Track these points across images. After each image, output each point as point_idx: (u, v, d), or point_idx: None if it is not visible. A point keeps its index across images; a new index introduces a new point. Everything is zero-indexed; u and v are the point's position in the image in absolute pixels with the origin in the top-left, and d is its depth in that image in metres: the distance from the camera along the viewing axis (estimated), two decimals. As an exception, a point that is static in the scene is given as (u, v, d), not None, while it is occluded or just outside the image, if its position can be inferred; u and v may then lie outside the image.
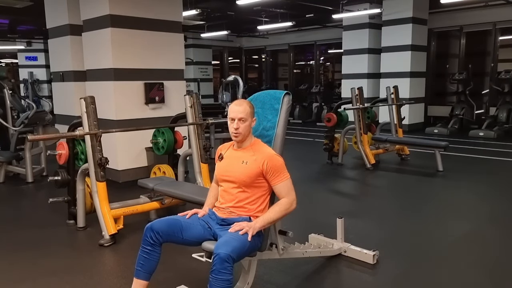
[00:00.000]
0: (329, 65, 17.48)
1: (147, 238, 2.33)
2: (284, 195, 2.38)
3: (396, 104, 7.22)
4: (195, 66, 14.96)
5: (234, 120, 2.38)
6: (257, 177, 2.38)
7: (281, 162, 2.41)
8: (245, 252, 2.24)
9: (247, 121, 2.38)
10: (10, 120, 6.28)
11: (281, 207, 2.36)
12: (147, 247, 2.33)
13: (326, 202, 5.04)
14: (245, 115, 2.37)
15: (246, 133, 2.41)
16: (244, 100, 2.49)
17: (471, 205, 4.77)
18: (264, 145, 2.49)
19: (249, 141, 2.46)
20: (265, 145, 2.49)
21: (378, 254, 3.14)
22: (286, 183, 2.40)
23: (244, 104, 2.41)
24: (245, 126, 2.38)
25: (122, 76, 5.59)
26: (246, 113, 2.37)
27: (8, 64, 18.31)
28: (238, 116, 2.36)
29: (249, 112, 2.39)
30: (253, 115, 2.43)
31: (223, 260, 2.03)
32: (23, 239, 3.81)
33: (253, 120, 2.44)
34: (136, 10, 5.63)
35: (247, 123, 2.38)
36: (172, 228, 2.35)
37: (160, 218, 2.41)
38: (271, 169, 2.36)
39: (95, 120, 3.62)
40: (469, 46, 11.38)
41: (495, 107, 10.14)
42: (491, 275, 3.02)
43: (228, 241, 2.15)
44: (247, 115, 2.38)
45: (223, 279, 2.05)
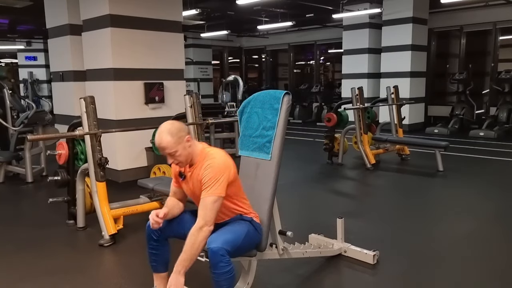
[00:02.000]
0: (329, 65, 17.48)
1: (150, 236, 2.37)
2: (200, 213, 2.18)
3: (396, 104, 7.22)
4: (195, 66, 14.96)
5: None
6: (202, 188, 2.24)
7: (216, 174, 2.17)
8: (241, 245, 2.24)
9: (178, 149, 2.19)
10: (10, 120, 6.27)
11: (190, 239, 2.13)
12: (153, 242, 2.38)
13: (326, 202, 5.03)
14: (171, 149, 2.18)
15: (186, 157, 2.25)
16: (165, 130, 2.19)
17: (471, 205, 4.77)
18: (208, 154, 2.27)
19: (197, 157, 2.28)
20: (210, 154, 2.27)
21: (378, 254, 3.14)
22: (208, 200, 2.16)
23: (164, 137, 2.17)
24: (180, 155, 2.21)
25: (122, 76, 5.59)
26: (171, 147, 2.18)
27: (8, 64, 18.31)
28: (165, 152, 2.21)
29: (174, 141, 2.17)
30: (182, 138, 2.20)
31: (216, 253, 2.07)
32: (23, 239, 3.81)
33: (186, 140, 2.21)
34: (136, 10, 5.63)
35: (179, 151, 2.20)
36: (172, 223, 2.37)
37: None
38: (204, 179, 2.19)
39: (94, 120, 3.62)
40: (469, 46, 11.38)
41: (496, 107, 10.14)
42: (491, 275, 3.02)
43: (219, 234, 2.18)
44: (175, 146, 2.18)
45: (221, 272, 2.09)
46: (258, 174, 2.60)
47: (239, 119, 2.79)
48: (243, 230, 2.29)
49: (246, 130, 2.72)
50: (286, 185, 5.30)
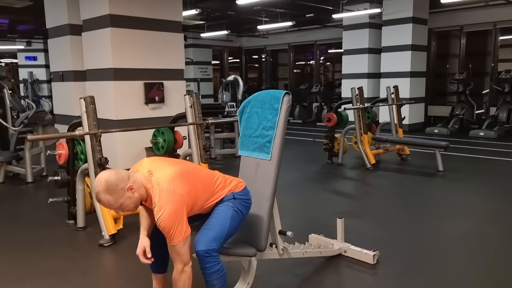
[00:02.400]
0: (329, 65, 17.48)
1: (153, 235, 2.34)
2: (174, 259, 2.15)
3: (396, 104, 7.22)
4: (195, 66, 14.96)
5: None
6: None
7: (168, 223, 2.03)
8: (229, 232, 2.25)
9: (123, 202, 2.07)
10: (10, 120, 6.27)
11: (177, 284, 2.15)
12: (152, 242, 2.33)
13: (326, 202, 5.03)
14: (114, 205, 2.07)
15: (135, 204, 2.12)
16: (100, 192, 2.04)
17: (471, 205, 4.77)
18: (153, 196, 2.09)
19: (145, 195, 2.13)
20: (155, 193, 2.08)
21: (378, 254, 3.14)
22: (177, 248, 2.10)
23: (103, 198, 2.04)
24: (127, 204, 2.09)
25: (122, 76, 5.59)
26: (113, 204, 2.06)
27: (8, 64, 18.30)
28: (111, 209, 2.15)
29: (114, 198, 2.04)
30: (122, 190, 2.04)
31: (202, 255, 2.11)
32: (22, 239, 3.81)
33: (128, 189, 2.05)
34: (136, 10, 5.63)
35: (125, 202, 2.07)
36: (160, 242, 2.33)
37: None
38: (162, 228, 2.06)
39: (94, 120, 3.62)
40: (469, 46, 11.38)
41: (496, 107, 10.14)
42: (492, 275, 3.02)
43: (204, 233, 2.18)
44: (116, 201, 2.05)
45: (212, 272, 2.13)
46: (258, 174, 2.60)
47: (239, 119, 2.79)
48: (226, 217, 2.25)
49: (246, 130, 2.72)
50: (286, 185, 5.30)
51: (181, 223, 2.07)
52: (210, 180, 2.30)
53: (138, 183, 2.10)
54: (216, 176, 2.36)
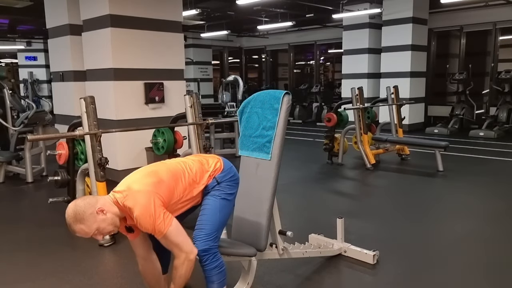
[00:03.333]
0: (329, 65, 17.49)
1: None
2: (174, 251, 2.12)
3: (396, 104, 7.22)
4: (195, 66, 14.96)
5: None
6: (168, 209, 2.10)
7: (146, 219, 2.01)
8: (220, 226, 2.26)
9: (93, 229, 2.01)
10: (10, 120, 6.27)
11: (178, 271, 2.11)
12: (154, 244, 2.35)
13: (326, 202, 5.03)
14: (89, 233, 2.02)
15: (113, 224, 2.06)
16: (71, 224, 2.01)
17: (471, 205, 4.77)
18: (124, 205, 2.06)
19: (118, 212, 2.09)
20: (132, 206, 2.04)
21: (378, 254, 3.14)
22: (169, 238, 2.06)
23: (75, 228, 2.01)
24: (104, 227, 2.04)
25: (122, 76, 5.59)
26: (88, 232, 2.02)
27: (8, 64, 18.30)
28: (87, 237, 2.07)
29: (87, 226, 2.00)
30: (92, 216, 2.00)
31: (202, 255, 2.14)
32: (23, 239, 3.81)
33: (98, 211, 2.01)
34: (136, 10, 5.64)
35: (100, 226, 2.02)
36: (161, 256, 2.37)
37: None
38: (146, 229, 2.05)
39: (95, 120, 3.61)
40: (469, 46, 11.38)
41: (495, 107, 10.14)
42: (491, 275, 3.02)
43: (197, 233, 2.19)
44: (90, 228, 2.00)
45: (211, 268, 2.16)
46: (258, 174, 2.60)
47: (239, 119, 2.79)
48: (215, 211, 2.22)
49: (246, 130, 2.72)
50: (286, 185, 5.30)
51: (158, 215, 2.02)
52: (182, 169, 2.23)
53: (107, 204, 2.06)
54: (190, 162, 2.29)
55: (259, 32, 14.67)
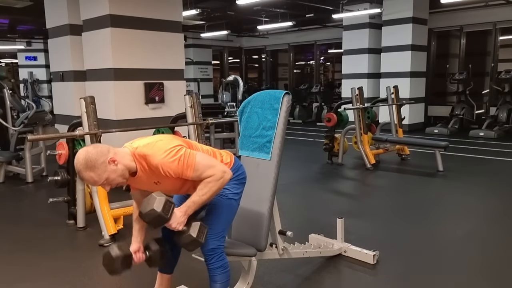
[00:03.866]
0: (329, 65, 17.49)
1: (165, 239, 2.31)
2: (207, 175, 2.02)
3: (396, 104, 7.22)
4: (195, 66, 14.96)
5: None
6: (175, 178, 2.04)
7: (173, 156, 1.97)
8: (226, 226, 2.25)
9: (102, 178, 1.95)
10: (10, 120, 6.27)
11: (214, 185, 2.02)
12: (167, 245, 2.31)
13: (326, 202, 5.03)
14: (99, 182, 1.96)
15: (122, 175, 1.99)
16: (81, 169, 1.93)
17: (471, 205, 4.77)
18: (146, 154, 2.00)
19: (133, 165, 2.02)
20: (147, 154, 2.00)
21: (378, 254, 3.14)
22: (199, 166, 2.00)
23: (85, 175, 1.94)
24: (112, 179, 1.97)
25: (122, 76, 5.59)
26: (97, 181, 1.96)
27: (8, 64, 18.30)
28: (97, 185, 2.03)
29: (97, 175, 1.93)
30: (104, 165, 1.93)
31: (208, 255, 2.14)
32: (23, 239, 3.81)
33: (110, 161, 1.94)
34: (136, 10, 5.63)
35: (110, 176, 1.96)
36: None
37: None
38: (174, 171, 1.99)
39: (95, 120, 3.62)
40: (469, 46, 11.38)
41: (495, 107, 10.14)
42: (491, 275, 3.02)
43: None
44: (99, 177, 1.94)
45: (215, 267, 2.16)
46: (258, 174, 2.60)
47: (239, 119, 2.79)
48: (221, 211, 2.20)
49: (246, 130, 2.72)
50: (286, 185, 5.30)
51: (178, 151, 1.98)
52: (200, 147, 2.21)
53: (120, 154, 2.00)
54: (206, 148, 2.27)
55: (259, 32, 14.67)
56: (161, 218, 1.91)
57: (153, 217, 1.90)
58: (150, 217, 1.89)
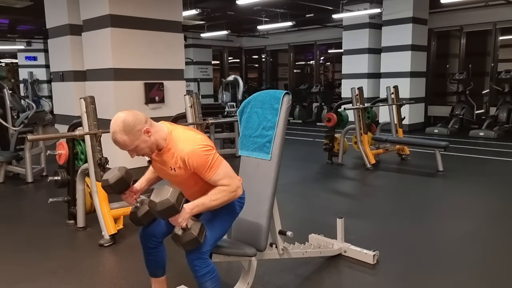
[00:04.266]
0: (329, 65, 17.49)
1: (146, 244, 2.34)
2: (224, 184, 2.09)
3: (396, 104, 7.22)
4: (195, 66, 14.96)
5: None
6: (189, 175, 2.10)
7: (204, 153, 2.04)
8: (217, 237, 2.21)
9: (138, 144, 2.02)
10: (10, 120, 6.27)
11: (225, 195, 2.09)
12: (149, 250, 2.36)
13: (326, 202, 5.03)
14: (129, 146, 2.02)
15: (150, 148, 2.07)
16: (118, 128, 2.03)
17: (471, 205, 4.77)
18: (180, 140, 2.08)
19: (163, 143, 2.09)
20: (181, 140, 2.08)
21: (378, 254, 3.14)
22: (220, 171, 2.07)
23: (118, 138, 2.01)
24: (142, 148, 2.05)
25: (122, 76, 5.59)
26: (129, 145, 2.01)
27: (8, 64, 18.30)
28: (124, 150, 2.07)
29: (130, 139, 2.00)
30: (139, 132, 2.01)
31: (190, 260, 2.07)
32: (22, 239, 3.81)
33: (145, 131, 2.03)
34: (136, 10, 5.64)
35: (140, 145, 2.03)
36: (165, 224, 2.30)
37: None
38: (197, 166, 2.04)
39: (95, 120, 3.62)
40: (469, 46, 11.38)
41: (495, 107, 10.14)
42: (491, 275, 3.02)
43: None
44: (131, 142, 2.01)
45: (201, 275, 2.08)
46: (258, 174, 2.60)
47: (239, 119, 2.79)
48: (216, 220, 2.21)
49: (246, 130, 2.72)
50: (286, 185, 5.30)
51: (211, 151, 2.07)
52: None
53: (156, 128, 2.09)
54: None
55: (259, 32, 14.67)
56: (173, 209, 1.93)
57: (166, 206, 1.90)
58: (163, 206, 1.90)
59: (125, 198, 2.27)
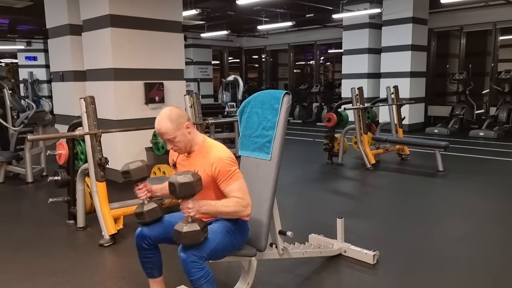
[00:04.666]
0: (329, 65, 17.49)
1: (141, 245, 2.36)
2: (237, 196, 2.20)
3: (396, 104, 7.22)
4: (195, 66, 14.96)
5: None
6: (210, 182, 2.22)
7: (229, 164, 2.20)
8: (218, 245, 2.17)
9: (177, 136, 2.20)
10: (10, 120, 6.27)
11: (236, 206, 2.18)
12: (144, 252, 2.38)
13: (326, 202, 5.03)
14: (170, 135, 2.19)
15: (185, 144, 2.25)
16: (165, 115, 2.20)
17: (471, 205, 4.77)
18: (212, 146, 2.29)
19: (197, 145, 2.28)
20: (214, 146, 2.29)
21: (378, 254, 3.14)
22: (238, 185, 2.20)
23: (163, 123, 2.18)
24: (179, 141, 2.22)
25: (122, 76, 5.59)
26: (170, 133, 2.18)
27: (8, 64, 18.31)
28: (164, 138, 2.22)
29: (173, 128, 2.18)
30: (182, 124, 2.20)
31: (185, 261, 2.05)
32: (22, 239, 3.81)
33: (186, 127, 2.22)
34: (136, 10, 5.63)
35: (178, 137, 2.20)
36: (162, 231, 2.34)
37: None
38: (220, 173, 2.18)
39: (95, 120, 3.62)
40: (469, 46, 11.38)
41: (495, 107, 10.14)
42: (491, 275, 3.02)
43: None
44: (174, 131, 2.18)
45: (196, 278, 2.06)
46: (258, 174, 2.60)
47: (239, 119, 2.79)
48: (221, 231, 2.22)
49: (246, 130, 2.72)
50: (286, 185, 5.30)
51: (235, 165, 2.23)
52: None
53: (194, 131, 2.29)
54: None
55: (259, 32, 14.67)
56: (191, 187, 2.00)
57: (186, 181, 1.99)
58: (184, 180, 1.98)
59: (138, 191, 2.34)
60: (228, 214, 2.20)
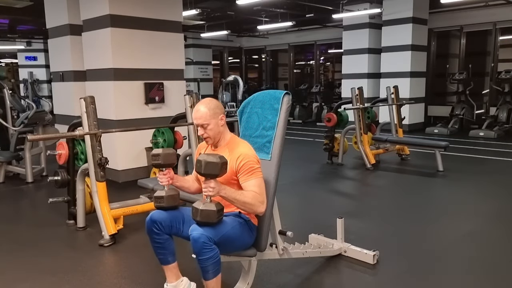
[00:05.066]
0: (329, 65, 17.49)
1: (152, 229, 2.37)
2: (254, 191, 2.28)
3: (396, 104, 7.22)
4: (195, 66, 14.96)
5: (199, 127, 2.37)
6: (233, 178, 2.32)
7: (254, 161, 2.31)
8: (227, 236, 2.22)
9: (210, 123, 2.33)
10: (10, 120, 6.27)
11: (252, 199, 2.25)
12: (155, 236, 2.38)
13: (326, 202, 5.03)
14: (204, 120, 2.32)
15: (216, 135, 2.38)
16: (204, 102, 2.37)
17: (471, 205, 4.77)
18: (240, 142, 2.43)
19: (224, 140, 2.43)
20: (241, 143, 2.42)
21: (378, 254, 3.14)
22: (257, 181, 2.30)
23: (201, 108, 2.33)
24: (211, 129, 2.34)
25: (122, 76, 5.59)
26: (205, 118, 2.31)
27: (8, 64, 18.31)
28: (199, 122, 2.33)
29: (209, 114, 2.32)
30: (217, 115, 2.35)
31: (197, 240, 2.09)
32: (22, 239, 3.81)
33: (220, 118, 2.37)
34: (136, 10, 5.63)
35: (211, 125, 2.33)
36: (173, 219, 2.38)
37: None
38: (243, 167, 2.29)
39: (95, 120, 3.62)
40: (469, 46, 11.38)
41: (495, 107, 10.14)
42: (492, 275, 3.02)
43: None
44: (209, 118, 2.32)
45: (206, 258, 2.11)
46: (258, 174, 2.60)
47: (239, 119, 2.79)
48: (232, 223, 2.29)
49: (246, 130, 2.72)
50: (286, 185, 5.30)
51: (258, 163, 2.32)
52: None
53: (226, 126, 2.42)
54: None
55: (259, 32, 14.67)
56: (216, 167, 2.08)
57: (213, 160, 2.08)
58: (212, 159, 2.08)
59: (162, 175, 2.38)
60: (244, 204, 2.25)
